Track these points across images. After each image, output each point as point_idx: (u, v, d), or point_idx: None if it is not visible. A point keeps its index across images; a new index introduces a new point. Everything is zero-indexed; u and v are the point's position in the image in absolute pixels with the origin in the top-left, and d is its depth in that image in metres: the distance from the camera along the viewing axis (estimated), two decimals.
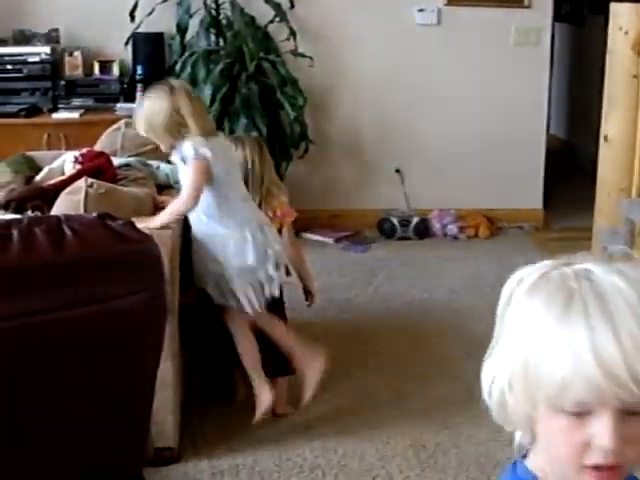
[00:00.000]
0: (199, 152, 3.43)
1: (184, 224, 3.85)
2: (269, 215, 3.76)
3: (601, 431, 1.16)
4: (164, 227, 3.30)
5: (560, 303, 1.19)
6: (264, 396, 3.69)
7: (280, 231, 3.81)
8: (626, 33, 5.08)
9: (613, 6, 5.24)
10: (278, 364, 3.84)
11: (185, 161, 3.47)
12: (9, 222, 1.88)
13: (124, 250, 1.95)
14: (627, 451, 1.18)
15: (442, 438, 3.69)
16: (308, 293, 3.99)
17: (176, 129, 3.47)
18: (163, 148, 3.58)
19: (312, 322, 4.87)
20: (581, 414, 1.17)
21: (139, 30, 6.13)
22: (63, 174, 3.73)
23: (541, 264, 1.30)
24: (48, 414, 1.96)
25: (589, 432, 1.17)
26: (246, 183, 3.71)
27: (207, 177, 3.47)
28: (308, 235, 6.41)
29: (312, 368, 3.77)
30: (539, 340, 1.19)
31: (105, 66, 6.26)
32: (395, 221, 6.38)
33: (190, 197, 3.46)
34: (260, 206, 3.74)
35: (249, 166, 3.74)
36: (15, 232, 1.86)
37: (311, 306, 4.01)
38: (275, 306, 3.77)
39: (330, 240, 6.35)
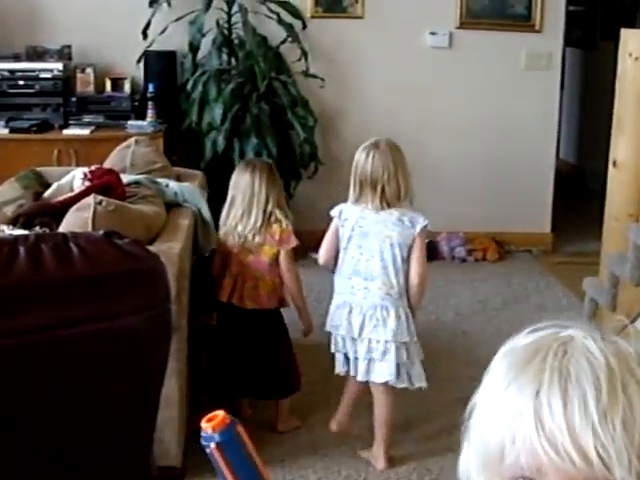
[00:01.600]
0: None
1: (195, 246, 3.88)
2: (267, 239, 3.76)
3: None
4: (171, 246, 3.31)
5: (520, 366, 1.09)
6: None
7: (277, 257, 3.81)
8: (636, 59, 5.08)
9: (624, 32, 5.25)
10: (283, 385, 3.87)
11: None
12: (16, 238, 1.89)
13: (130, 268, 1.95)
14: None
15: (447, 462, 3.67)
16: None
17: None
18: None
19: (317, 343, 4.86)
20: None
21: (151, 48, 6.15)
22: (72, 190, 3.73)
23: (531, 329, 1.16)
24: (50, 430, 1.95)
25: None
26: (250, 204, 3.73)
27: None
28: (316, 255, 6.39)
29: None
30: (487, 403, 1.11)
31: (117, 83, 6.28)
32: None
33: None
34: (260, 229, 3.75)
35: (255, 188, 3.74)
36: (22, 249, 1.86)
37: (307, 336, 4.02)
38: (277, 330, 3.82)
39: None
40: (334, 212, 3.67)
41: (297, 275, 3.89)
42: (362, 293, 3.53)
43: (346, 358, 3.64)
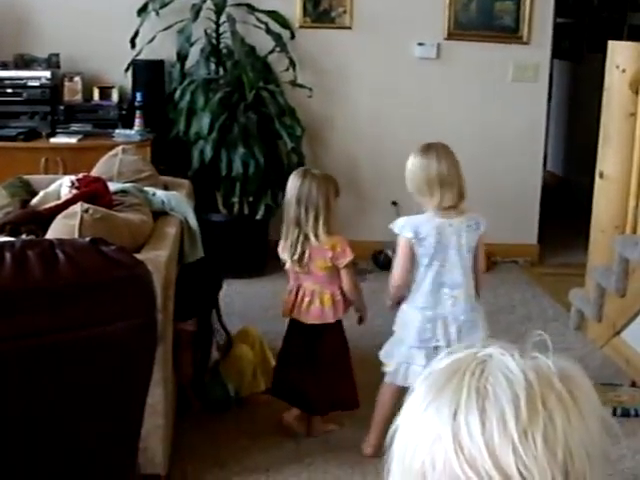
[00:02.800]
0: None
1: (180, 254, 3.88)
2: (320, 253, 3.77)
3: None
4: (158, 254, 3.31)
5: (438, 387, 1.04)
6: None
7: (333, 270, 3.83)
8: (623, 71, 5.11)
9: (611, 44, 5.27)
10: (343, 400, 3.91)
11: None
12: (2, 245, 1.88)
13: (116, 275, 1.95)
14: None
15: None
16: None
17: None
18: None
19: None
20: None
21: (139, 57, 6.15)
22: (59, 198, 3.72)
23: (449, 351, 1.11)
24: (33, 436, 1.95)
25: None
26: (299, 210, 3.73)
27: None
28: None
29: None
30: (407, 426, 1.06)
31: (104, 92, 6.28)
32: (390, 253, 6.38)
33: None
34: (306, 238, 3.74)
35: (307, 192, 3.73)
36: (8, 255, 1.86)
37: (362, 323, 4.09)
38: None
39: None
40: (407, 231, 3.59)
41: (357, 286, 3.93)
42: (451, 302, 3.58)
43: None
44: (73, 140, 5.93)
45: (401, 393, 3.68)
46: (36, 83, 6.05)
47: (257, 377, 4.26)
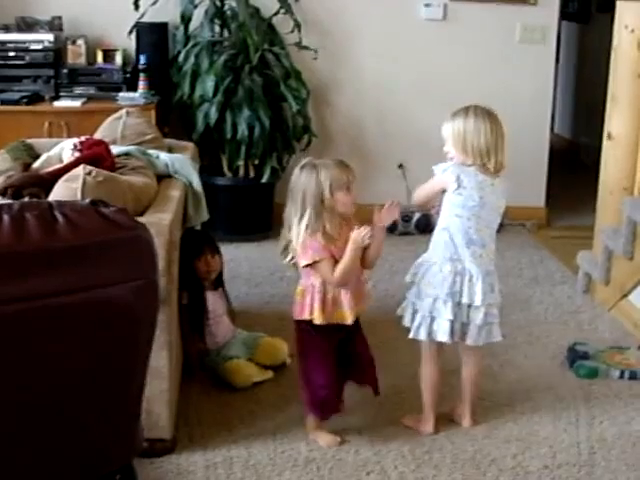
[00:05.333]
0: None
1: (184, 220, 3.84)
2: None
3: None
4: (162, 217, 3.28)
5: None
6: (426, 426, 3.70)
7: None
8: (632, 31, 5.06)
9: (619, 4, 5.21)
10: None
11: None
12: (0, 206, 1.85)
13: (116, 237, 1.92)
14: None
15: (438, 434, 3.67)
16: None
17: None
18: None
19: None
20: None
21: (143, 20, 6.11)
22: (61, 161, 3.69)
23: None
24: (33, 400, 1.93)
25: None
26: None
27: None
28: None
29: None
30: None
31: (108, 55, 6.24)
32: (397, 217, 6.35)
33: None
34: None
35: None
36: (6, 217, 1.83)
37: None
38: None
39: None
40: (451, 175, 3.54)
41: (334, 279, 3.46)
42: (478, 261, 3.54)
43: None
44: (77, 104, 5.90)
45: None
46: (39, 46, 6.02)
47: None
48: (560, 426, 3.78)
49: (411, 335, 3.62)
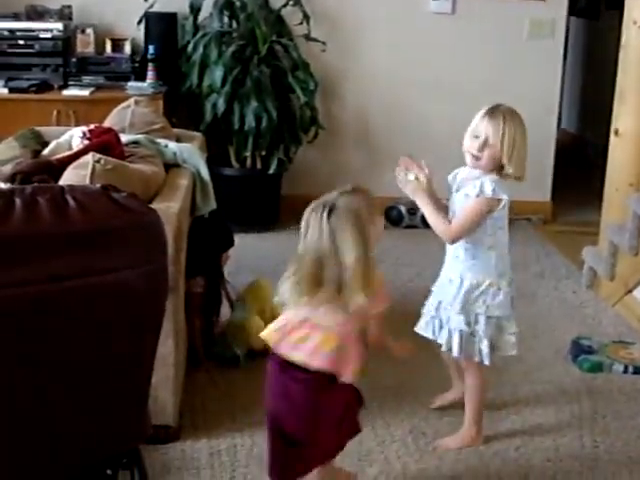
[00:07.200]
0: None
1: (192, 209, 3.86)
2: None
3: None
4: (170, 206, 3.29)
5: None
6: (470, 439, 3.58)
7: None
8: None
9: (628, 0, 5.21)
10: None
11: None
12: (12, 190, 1.87)
13: (127, 221, 1.93)
14: None
15: (441, 425, 3.68)
16: None
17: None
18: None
19: None
20: None
21: (152, 9, 6.12)
22: (70, 149, 3.71)
23: None
24: (41, 384, 1.95)
25: None
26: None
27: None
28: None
29: None
30: None
31: (117, 44, 6.25)
32: (403, 209, 6.37)
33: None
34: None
35: None
36: (18, 200, 1.84)
37: None
38: None
39: None
40: (503, 193, 3.40)
41: None
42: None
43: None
44: (85, 92, 5.91)
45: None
46: (48, 35, 6.03)
47: None
48: (563, 419, 3.80)
49: (487, 362, 3.46)
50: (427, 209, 3.42)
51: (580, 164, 8.53)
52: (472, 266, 3.47)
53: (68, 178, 3.18)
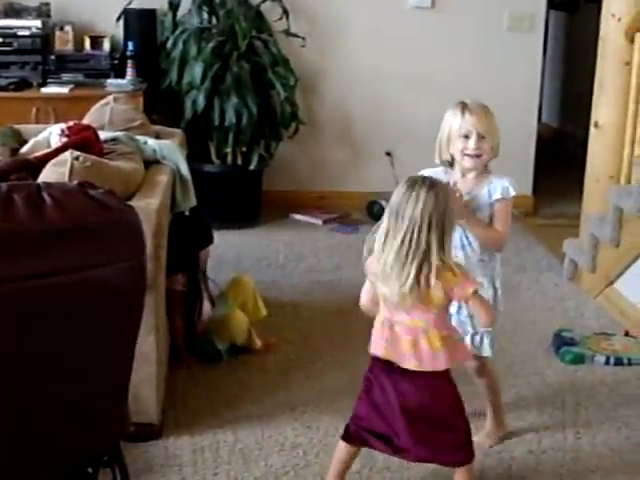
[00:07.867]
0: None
1: (172, 206, 3.85)
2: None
3: None
4: (149, 202, 3.28)
5: None
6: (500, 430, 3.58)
7: None
8: (619, 20, 5.07)
9: None
10: None
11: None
12: None
13: (104, 219, 1.92)
14: None
15: None
16: None
17: None
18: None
19: (299, 303, 4.87)
20: None
21: (131, 6, 6.10)
22: (49, 147, 3.69)
23: None
24: (19, 383, 1.94)
25: None
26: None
27: None
28: (296, 216, 6.42)
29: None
30: None
31: (96, 41, 6.23)
32: (384, 204, 6.37)
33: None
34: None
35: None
36: None
37: None
38: None
39: (319, 221, 6.34)
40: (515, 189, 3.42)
41: None
42: None
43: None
44: (64, 90, 5.89)
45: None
46: (26, 32, 6.01)
47: (252, 336, 4.24)
48: (546, 411, 3.81)
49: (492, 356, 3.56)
50: (477, 224, 3.40)
51: (561, 157, 8.55)
52: (496, 266, 3.54)
53: (47, 176, 3.17)
